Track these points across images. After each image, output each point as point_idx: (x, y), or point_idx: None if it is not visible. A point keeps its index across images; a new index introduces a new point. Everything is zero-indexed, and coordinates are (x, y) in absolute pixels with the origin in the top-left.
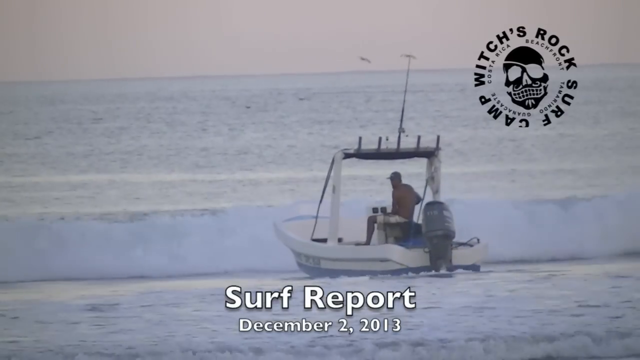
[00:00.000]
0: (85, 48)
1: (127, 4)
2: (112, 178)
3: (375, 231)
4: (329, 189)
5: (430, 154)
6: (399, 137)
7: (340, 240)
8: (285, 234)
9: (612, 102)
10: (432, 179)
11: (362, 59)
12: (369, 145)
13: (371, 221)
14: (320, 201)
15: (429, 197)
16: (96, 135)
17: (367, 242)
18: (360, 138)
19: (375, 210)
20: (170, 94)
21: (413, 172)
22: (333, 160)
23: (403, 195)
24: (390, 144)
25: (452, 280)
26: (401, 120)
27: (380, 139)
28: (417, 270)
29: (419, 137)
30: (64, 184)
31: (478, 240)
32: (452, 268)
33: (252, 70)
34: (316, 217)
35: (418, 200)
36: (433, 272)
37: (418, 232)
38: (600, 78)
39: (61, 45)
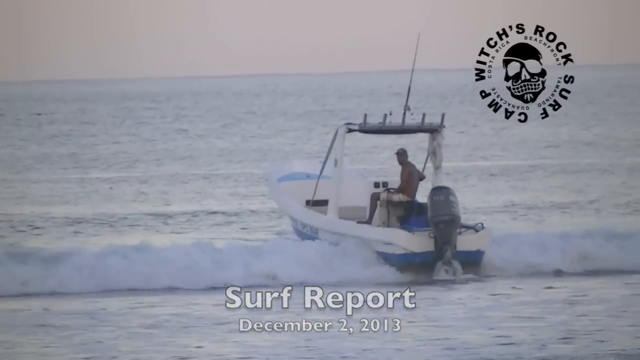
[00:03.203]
0: (72, 48)
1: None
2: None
3: (378, 209)
4: (330, 162)
5: (433, 130)
6: (404, 114)
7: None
8: (284, 200)
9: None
10: (433, 154)
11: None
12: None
13: (374, 198)
14: (320, 173)
15: (427, 175)
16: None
17: (369, 219)
18: (365, 115)
19: (377, 184)
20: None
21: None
22: (336, 134)
23: (411, 173)
24: (394, 122)
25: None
26: (407, 98)
27: (385, 115)
28: (421, 255)
29: (423, 115)
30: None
31: (482, 225)
32: (456, 254)
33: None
34: (316, 185)
35: (421, 178)
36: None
37: (420, 211)
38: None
39: (47, 44)
